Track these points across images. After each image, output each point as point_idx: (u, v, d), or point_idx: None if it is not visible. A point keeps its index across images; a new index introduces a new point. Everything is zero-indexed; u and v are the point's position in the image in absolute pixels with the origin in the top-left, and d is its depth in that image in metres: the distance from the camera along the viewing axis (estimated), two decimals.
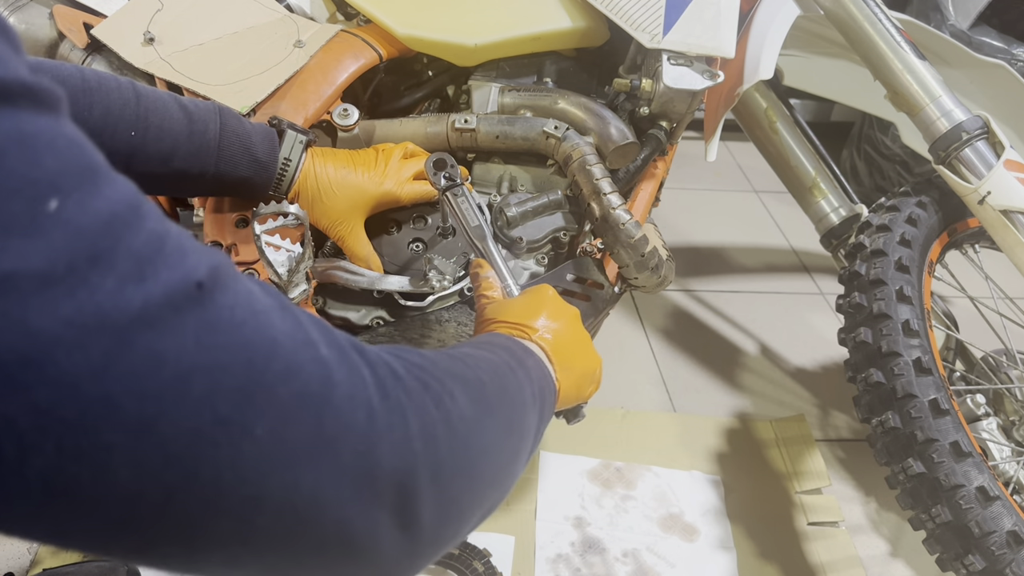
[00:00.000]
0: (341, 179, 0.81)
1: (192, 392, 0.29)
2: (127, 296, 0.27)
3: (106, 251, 0.27)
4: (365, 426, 0.35)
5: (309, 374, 0.33)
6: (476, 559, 1.07)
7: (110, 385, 0.27)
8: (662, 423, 1.38)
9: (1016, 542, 0.89)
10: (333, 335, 0.37)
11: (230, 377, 0.30)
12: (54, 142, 0.28)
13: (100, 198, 0.28)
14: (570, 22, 1.01)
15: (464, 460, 0.42)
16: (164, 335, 0.28)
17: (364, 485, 0.35)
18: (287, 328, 0.34)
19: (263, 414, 0.31)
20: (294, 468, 0.32)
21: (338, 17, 1.15)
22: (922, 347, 0.98)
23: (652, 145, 1.00)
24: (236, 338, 0.31)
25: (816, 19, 1.16)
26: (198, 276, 0.30)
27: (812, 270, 1.89)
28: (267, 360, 0.32)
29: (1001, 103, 1.27)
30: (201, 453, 0.29)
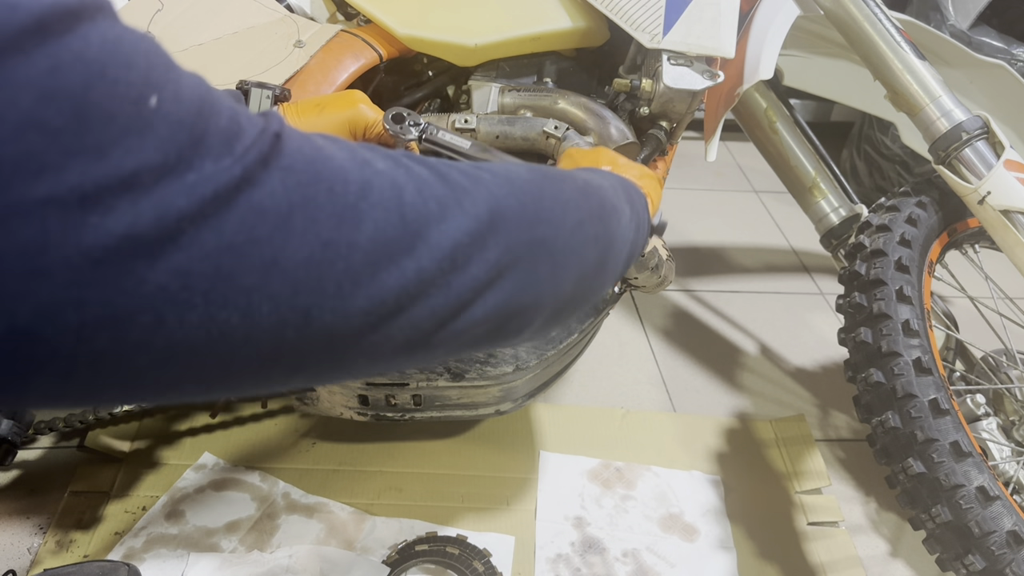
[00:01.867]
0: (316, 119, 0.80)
1: (295, 227, 0.33)
2: (227, 167, 0.31)
3: (202, 133, 0.31)
4: (438, 209, 0.40)
5: (379, 185, 0.38)
6: (476, 559, 1.07)
7: (231, 239, 0.31)
8: (662, 423, 1.38)
9: (1016, 542, 0.89)
10: (383, 151, 0.41)
11: (319, 206, 0.34)
12: (137, 44, 0.30)
13: (186, 87, 0.31)
14: (570, 22, 1.01)
15: (539, 208, 0.47)
16: (260, 187, 0.32)
17: (455, 253, 0.40)
18: (345, 155, 0.38)
19: (358, 227, 0.36)
20: (397, 262, 0.37)
21: (338, 17, 1.15)
22: (922, 347, 0.98)
23: (652, 145, 1.00)
24: (312, 173, 0.35)
25: (816, 19, 1.16)
26: (273, 129, 0.34)
27: (812, 270, 1.89)
28: (344, 184, 0.36)
29: (1001, 103, 1.27)
30: (322, 273, 0.34)
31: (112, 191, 0.27)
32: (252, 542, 1.08)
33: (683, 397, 1.47)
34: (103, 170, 0.27)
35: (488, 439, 1.29)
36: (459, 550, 1.08)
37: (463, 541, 1.10)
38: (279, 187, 0.33)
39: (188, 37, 0.94)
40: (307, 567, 1.04)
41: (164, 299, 0.29)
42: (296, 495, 1.15)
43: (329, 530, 1.11)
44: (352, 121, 0.80)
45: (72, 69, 0.27)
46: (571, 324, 0.91)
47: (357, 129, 0.81)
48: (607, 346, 1.56)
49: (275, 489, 1.16)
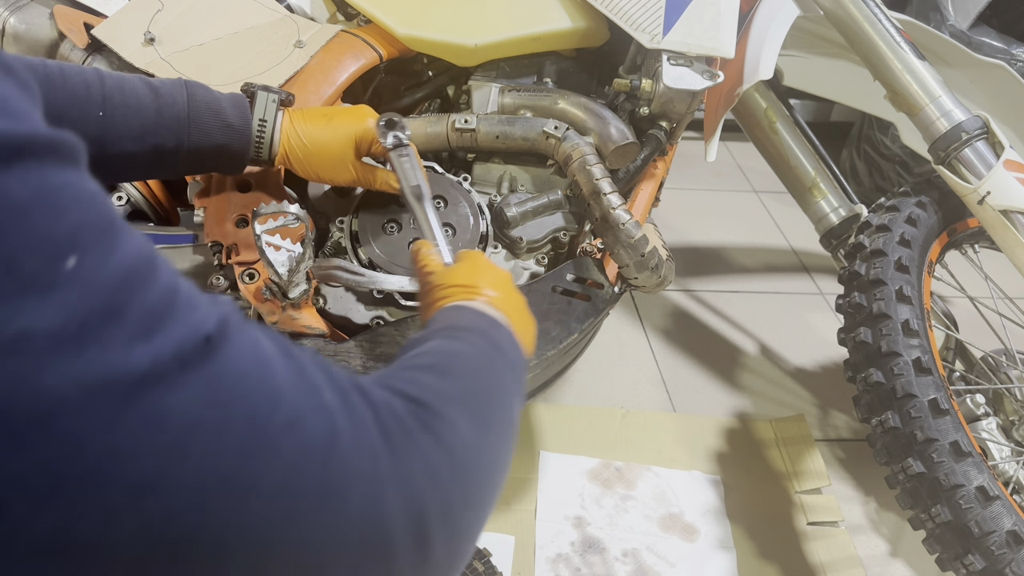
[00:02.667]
0: (324, 127, 0.81)
1: (195, 449, 0.28)
2: (137, 354, 0.27)
3: (120, 307, 0.27)
4: (370, 473, 0.34)
5: (313, 423, 0.33)
6: (476, 559, 1.07)
7: (116, 442, 0.26)
8: (662, 423, 1.38)
9: (1016, 542, 0.89)
10: (336, 378, 0.36)
11: (233, 432, 0.30)
12: (79, 196, 0.28)
13: (119, 252, 0.28)
14: (570, 22, 1.01)
15: (471, 489, 0.42)
16: (170, 392, 0.28)
17: (374, 531, 0.34)
18: (290, 376, 0.33)
19: (267, 468, 0.30)
20: (301, 521, 0.31)
21: (338, 17, 1.15)
22: (922, 347, 0.98)
23: (652, 145, 1.00)
24: (239, 391, 0.30)
25: (816, 19, 1.16)
26: (207, 329, 0.30)
27: (812, 270, 1.89)
28: (271, 412, 0.31)
29: (1001, 103, 1.27)
30: (206, 509, 0.29)
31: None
32: None
33: (683, 397, 1.47)
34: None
35: None
36: None
37: None
38: (191, 397, 0.28)
39: (188, 37, 0.94)
40: None
41: (18, 491, 0.25)
42: None
43: None
44: (358, 135, 0.80)
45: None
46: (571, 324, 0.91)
47: (362, 143, 0.81)
48: (607, 346, 1.56)
49: None
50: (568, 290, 0.92)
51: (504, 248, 0.95)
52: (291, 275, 0.77)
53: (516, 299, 0.64)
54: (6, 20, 0.92)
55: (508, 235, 0.93)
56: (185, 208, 0.97)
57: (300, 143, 0.79)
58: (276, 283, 0.78)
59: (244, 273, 0.83)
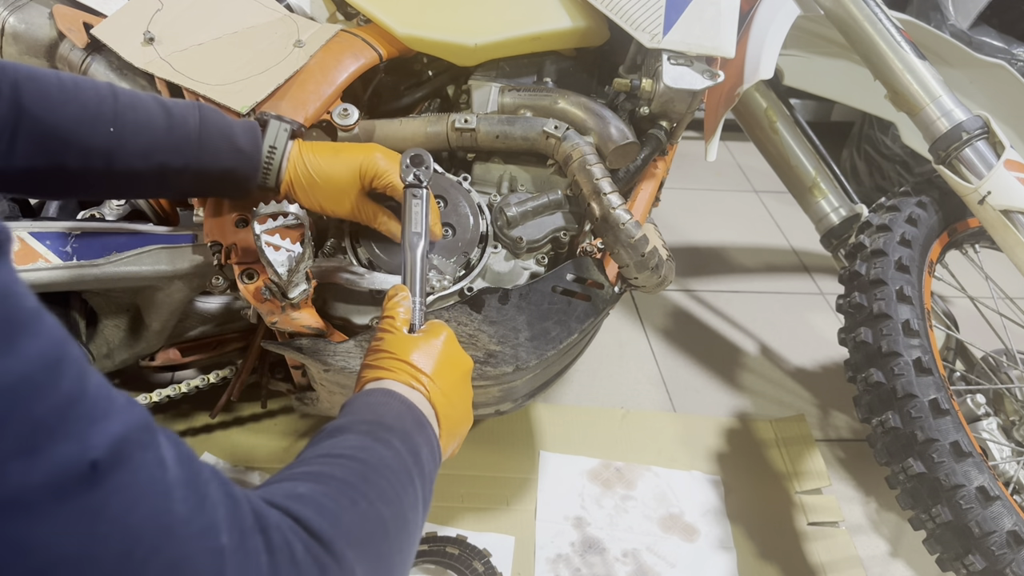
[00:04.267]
0: (331, 159, 0.81)
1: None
2: (8, 475, 0.24)
3: (1, 418, 0.25)
4: None
5: (200, 567, 0.30)
6: (476, 559, 1.07)
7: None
8: (662, 423, 1.38)
9: (1016, 542, 0.89)
10: (239, 513, 0.34)
11: (99, 571, 0.27)
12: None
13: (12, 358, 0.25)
14: (570, 22, 1.01)
15: None
16: (36, 522, 0.25)
17: None
18: (186, 512, 0.30)
19: None
20: None
21: (338, 17, 1.15)
22: (922, 347, 0.98)
23: (652, 145, 1.00)
24: (119, 527, 0.28)
25: (816, 19, 1.16)
26: (95, 454, 0.27)
27: (812, 270, 1.89)
28: (151, 551, 0.28)
29: (1001, 103, 1.27)
30: None
31: None
32: None
33: (683, 397, 1.47)
34: None
35: (488, 439, 1.29)
36: (459, 550, 1.08)
37: (463, 541, 1.10)
38: (59, 530, 0.26)
39: (188, 37, 0.94)
40: None
41: None
42: None
43: None
44: (363, 167, 0.80)
45: None
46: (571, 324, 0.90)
47: (367, 176, 0.81)
48: (607, 346, 1.55)
49: None
50: (568, 290, 0.92)
51: (504, 248, 0.94)
52: (291, 275, 0.77)
53: (461, 394, 0.62)
54: (5, 20, 0.92)
55: (508, 235, 0.93)
56: (185, 208, 0.97)
57: (306, 173, 0.80)
58: (276, 283, 0.78)
59: (243, 273, 0.83)
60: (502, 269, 0.93)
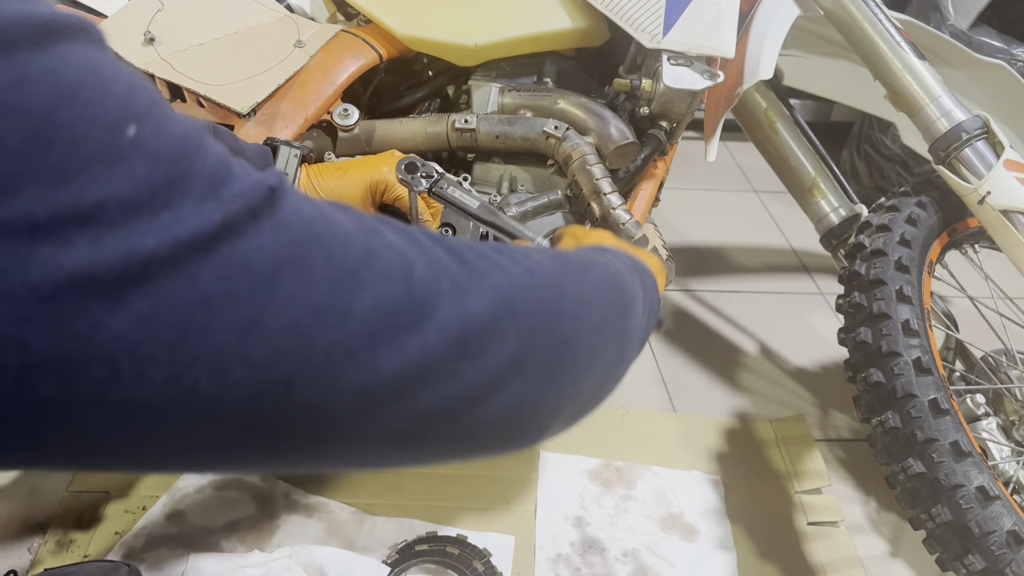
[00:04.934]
0: (340, 180, 0.81)
1: (283, 286, 0.30)
2: (208, 211, 0.28)
3: (183, 173, 0.28)
4: (451, 287, 0.36)
5: (387, 256, 0.34)
6: (476, 559, 1.07)
7: (206, 290, 0.28)
8: (662, 423, 1.38)
9: (1016, 542, 0.89)
10: (395, 223, 0.38)
11: (316, 267, 0.31)
12: (119, 71, 0.28)
13: (172, 122, 0.29)
14: (570, 22, 1.01)
15: (558, 305, 0.42)
16: (248, 239, 0.29)
17: (467, 337, 0.36)
18: (352, 221, 0.35)
19: (356, 295, 0.32)
20: (399, 337, 0.33)
21: (338, 17, 1.15)
22: (922, 347, 0.98)
23: (652, 145, 1.00)
24: (312, 233, 0.32)
25: (816, 19, 1.16)
26: (271, 182, 0.31)
27: (812, 270, 1.89)
28: (345, 247, 0.33)
29: (1001, 103, 1.27)
30: (307, 340, 0.30)
31: (70, 222, 0.25)
32: (252, 542, 1.08)
33: (683, 397, 1.47)
34: (61, 198, 0.25)
35: None
36: (459, 550, 1.08)
37: (463, 541, 1.10)
38: (268, 241, 0.30)
39: (188, 37, 0.94)
40: (307, 567, 1.04)
41: (123, 349, 0.26)
42: (296, 495, 1.15)
43: (329, 530, 1.11)
44: (373, 183, 0.81)
45: (39, 85, 0.25)
46: None
47: (377, 190, 0.81)
48: None
49: (275, 489, 1.16)
50: None
51: None
52: None
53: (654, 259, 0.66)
54: None
55: None
56: None
57: (317, 196, 0.80)
58: None
59: None
60: None
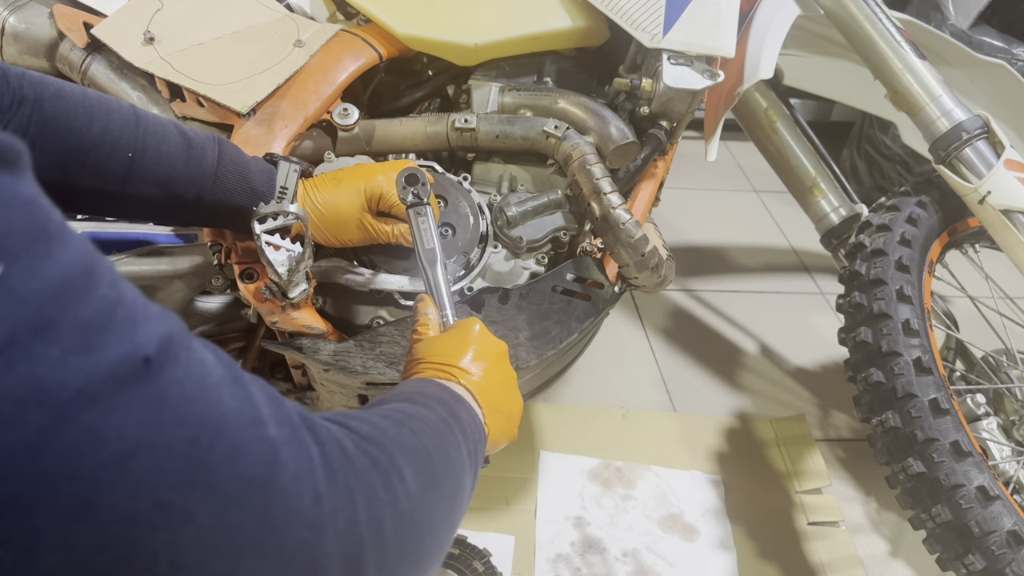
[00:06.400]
0: (335, 191, 0.81)
1: (131, 473, 0.27)
2: (70, 370, 0.26)
3: (52, 321, 0.26)
4: (311, 512, 0.34)
5: (256, 455, 0.32)
6: (476, 559, 1.07)
7: (45, 464, 0.25)
8: (662, 423, 1.38)
9: (1016, 542, 0.89)
10: (284, 410, 0.36)
11: (173, 457, 0.28)
12: (7, 203, 0.26)
13: (51, 263, 0.27)
14: (570, 22, 1.01)
15: (410, 541, 0.41)
16: (106, 412, 0.26)
17: (307, 573, 0.34)
18: (236, 404, 0.32)
19: (205, 497, 0.29)
20: (235, 555, 0.31)
21: (338, 17, 1.15)
22: (922, 347, 0.98)
23: (652, 145, 1.00)
24: (182, 415, 0.29)
25: (816, 19, 1.16)
26: (146, 351, 0.28)
27: (812, 270, 1.89)
28: (213, 439, 0.30)
29: (1001, 103, 1.27)
30: (137, 538, 0.27)
31: None
32: None
33: (683, 397, 1.47)
34: None
35: None
36: (459, 550, 1.08)
37: (463, 541, 1.10)
38: (130, 418, 0.27)
39: (188, 36, 0.94)
40: None
41: None
42: None
43: None
44: (368, 191, 0.81)
45: None
46: (571, 324, 0.90)
47: (372, 199, 0.81)
48: (607, 346, 1.55)
49: None
50: (568, 290, 0.92)
51: (504, 248, 0.94)
52: (291, 275, 0.77)
53: (497, 375, 0.63)
54: (5, 19, 0.92)
55: (508, 235, 0.93)
56: None
57: (315, 209, 0.80)
58: (276, 283, 0.78)
59: (243, 273, 0.82)
60: (502, 269, 0.93)
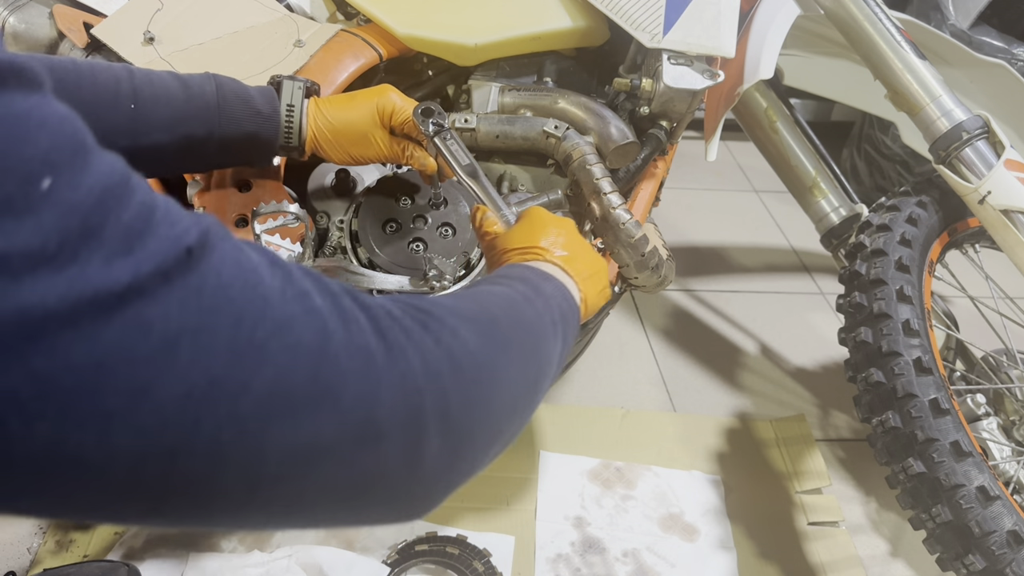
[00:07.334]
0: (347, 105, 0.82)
1: (181, 355, 0.29)
2: (117, 270, 0.28)
3: (97, 226, 0.28)
4: (364, 370, 0.35)
5: (303, 326, 0.34)
6: (476, 559, 1.07)
7: (102, 353, 0.27)
8: (662, 423, 1.38)
9: (1016, 542, 0.89)
10: (326, 284, 0.37)
11: (220, 338, 0.30)
12: (45, 120, 0.28)
13: (92, 173, 0.29)
14: (570, 22, 1.01)
15: (474, 393, 0.42)
16: (152, 303, 0.29)
17: (367, 427, 0.35)
18: (277, 283, 0.34)
19: (258, 371, 0.31)
20: (294, 418, 0.32)
21: (338, 17, 1.15)
22: (922, 347, 0.98)
23: (652, 145, 1.00)
24: (223, 299, 0.31)
25: (816, 19, 1.16)
26: (188, 242, 0.31)
27: (812, 270, 1.89)
28: (258, 317, 0.32)
29: (1001, 103, 1.27)
30: (198, 413, 0.30)
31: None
32: (252, 542, 1.08)
33: (683, 397, 1.47)
34: None
35: None
36: (459, 550, 1.08)
37: (463, 541, 1.10)
38: (175, 307, 0.29)
39: (188, 36, 0.94)
40: (307, 567, 1.04)
41: (11, 405, 0.26)
42: None
43: (329, 530, 1.11)
44: (381, 106, 0.82)
45: None
46: None
47: (385, 114, 0.82)
48: (607, 346, 1.55)
49: None
50: None
51: None
52: None
53: (578, 247, 0.66)
54: (5, 19, 0.92)
55: None
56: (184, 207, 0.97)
57: (328, 124, 0.81)
58: None
59: None
60: None
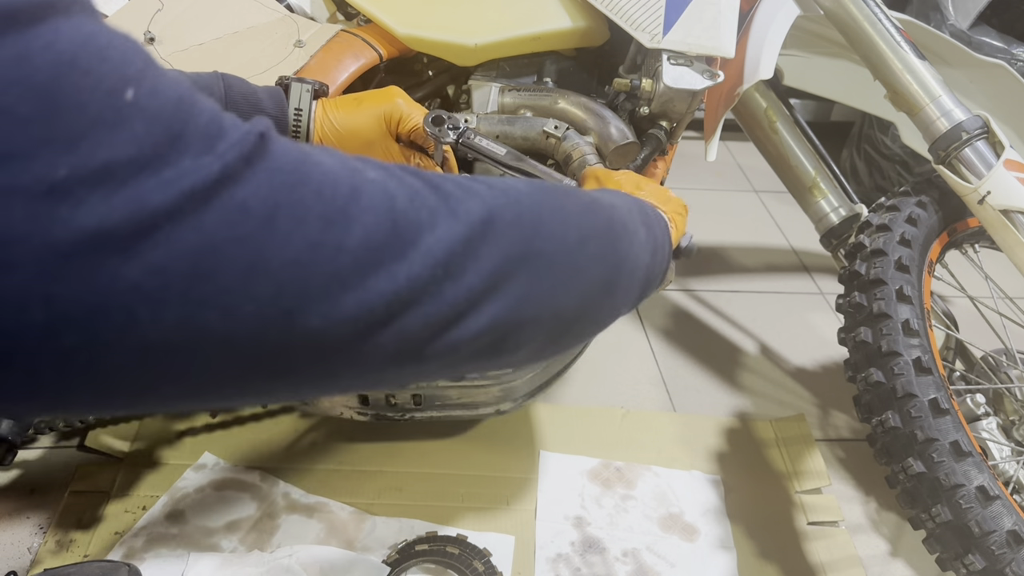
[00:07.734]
0: (354, 111, 0.81)
1: (280, 227, 0.32)
2: (206, 165, 0.30)
3: (179, 132, 0.30)
4: (429, 217, 0.39)
5: (370, 192, 0.37)
6: (476, 559, 1.07)
7: (211, 236, 0.30)
8: (662, 423, 1.38)
9: (1016, 542, 0.89)
10: (374, 162, 0.40)
11: (308, 207, 0.34)
12: (112, 39, 0.30)
13: (165, 83, 0.31)
14: (570, 22, 1.01)
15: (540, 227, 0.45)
16: (244, 186, 0.31)
17: (448, 260, 0.39)
18: (335, 162, 0.37)
19: (347, 230, 0.35)
20: (385, 268, 0.36)
21: (338, 17, 1.15)
22: (922, 347, 0.98)
23: (652, 145, 1.00)
24: (301, 175, 0.34)
25: (816, 19, 1.16)
26: (259, 128, 0.34)
27: (812, 270, 1.89)
28: (333, 187, 0.35)
29: (1001, 103, 1.27)
30: (307, 275, 0.33)
31: (83, 183, 0.27)
32: (252, 542, 1.08)
33: (683, 397, 1.47)
34: (73, 161, 0.26)
35: (488, 439, 1.29)
36: (459, 550, 1.08)
37: (463, 541, 1.10)
38: (264, 186, 0.32)
39: (188, 37, 0.94)
40: (307, 567, 1.04)
41: (138, 297, 0.28)
42: (296, 495, 1.15)
43: (329, 530, 1.11)
44: (388, 114, 0.81)
45: (40, 58, 0.26)
46: None
47: (392, 121, 0.81)
48: (607, 346, 1.56)
49: (275, 489, 1.16)
50: None
51: None
52: None
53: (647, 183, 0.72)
54: None
55: None
56: None
57: (333, 129, 0.81)
58: None
59: None
60: None
